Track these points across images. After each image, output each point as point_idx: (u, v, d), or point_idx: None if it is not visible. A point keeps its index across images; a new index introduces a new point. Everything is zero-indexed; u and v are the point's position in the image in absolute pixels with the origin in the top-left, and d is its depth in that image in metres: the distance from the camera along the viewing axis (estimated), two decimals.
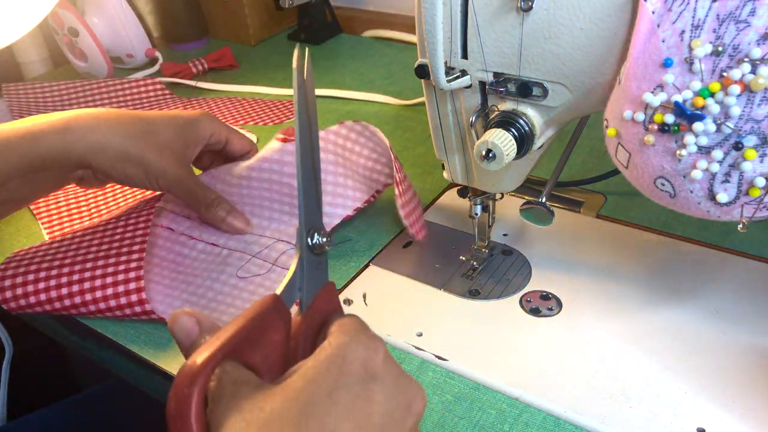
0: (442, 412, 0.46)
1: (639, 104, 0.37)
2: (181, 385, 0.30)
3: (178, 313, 0.35)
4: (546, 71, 0.42)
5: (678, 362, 0.48)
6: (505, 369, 0.48)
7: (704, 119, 0.35)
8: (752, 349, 0.48)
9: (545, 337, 0.51)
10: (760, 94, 0.33)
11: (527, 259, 0.58)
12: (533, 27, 0.41)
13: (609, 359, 0.48)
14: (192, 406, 0.30)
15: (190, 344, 0.34)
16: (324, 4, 1.09)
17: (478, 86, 0.46)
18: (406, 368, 0.50)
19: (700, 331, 0.50)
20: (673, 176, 0.37)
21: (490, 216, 0.57)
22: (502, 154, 0.43)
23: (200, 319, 0.35)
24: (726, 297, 0.52)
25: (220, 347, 0.31)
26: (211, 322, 0.36)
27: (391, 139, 0.81)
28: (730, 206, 0.37)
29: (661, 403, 0.45)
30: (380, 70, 0.99)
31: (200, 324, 0.35)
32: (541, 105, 0.44)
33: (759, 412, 0.44)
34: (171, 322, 0.35)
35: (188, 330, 0.35)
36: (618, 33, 0.38)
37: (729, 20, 0.33)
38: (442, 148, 0.53)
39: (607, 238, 0.60)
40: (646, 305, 0.53)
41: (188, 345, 0.34)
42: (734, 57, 0.33)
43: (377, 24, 1.11)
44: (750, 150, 0.34)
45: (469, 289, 0.56)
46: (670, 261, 0.57)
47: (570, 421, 0.44)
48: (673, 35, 0.35)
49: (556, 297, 0.54)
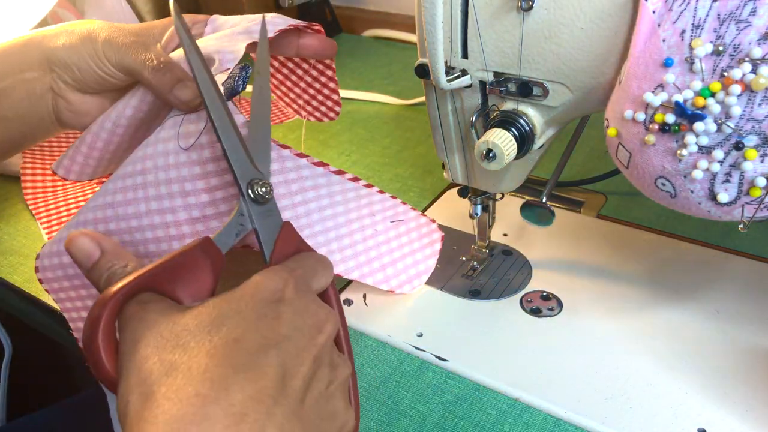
0: (442, 412, 0.46)
1: (639, 104, 0.37)
2: (93, 309, 0.32)
3: (75, 234, 0.37)
4: (546, 71, 0.42)
5: (678, 362, 0.48)
6: (506, 369, 0.48)
7: (705, 119, 0.35)
8: (752, 349, 0.48)
9: (545, 338, 0.51)
10: (760, 94, 0.33)
11: (527, 259, 0.58)
12: (534, 26, 0.41)
13: (609, 359, 0.48)
14: (100, 327, 0.32)
15: (92, 266, 0.37)
16: (324, 4, 1.09)
17: (479, 86, 0.46)
18: (405, 368, 0.50)
19: (700, 331, 0.50)
20: (674, 176, 0.37)
21: (490, 216, 0.57)
22: (503, 154, 0.43)
23: (101, 242, 0.37)
24: (726, 297, 0.52)
25: (136, 278, 0.34)
26: (115, 244, 0.38)
27: (391, 139, 0.81)
28: (731, 206, 0.37)
29: (661, 403, 0.45)
30: (380, 70, 0.99)
31: (102, 246, 0.37)
32: (542, 105, 0.44)
33: (759, 412, 0.44)
34: (68, 244, 0.37)
35: (88, 252, 0.37)
36: (619, 32, 0.38)
37: (730, 20, 0.33)
38: (442, 148, 0.53)
39: (608, 238, 0.60)
40: (646, 305, 0.53)
41: (89, 266, 0.37)
42: (735, 57, 0.33)
43: (377, 24, 1.11)
44: (751, 150, 0.34)
45: (469, 289, 0.56)
46: (670, 261, 0.57)
47: (570, 422, 0.44)
48: (674, 35, 0.35)
49: (557, 297, 0.54)
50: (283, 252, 0.40)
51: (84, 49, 0.49)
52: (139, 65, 0.48)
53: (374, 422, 0.46)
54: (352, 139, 0.81)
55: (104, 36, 0.49)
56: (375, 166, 0.76)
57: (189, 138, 0.44)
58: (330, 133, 0.83)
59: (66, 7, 0.94)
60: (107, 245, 0.37)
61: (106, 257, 0.37)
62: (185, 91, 0.46)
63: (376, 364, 0.50)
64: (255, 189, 0.39)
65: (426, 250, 0.56)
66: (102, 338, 0.32)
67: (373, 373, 0.49)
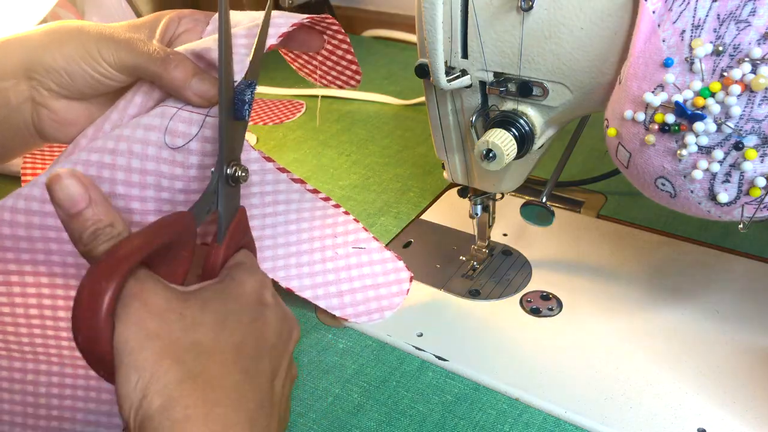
0: (442, 412, 0.46)
1: (639, 104, 0.37)
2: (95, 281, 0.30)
3: (63, 172, 0.33)
4: (546, 71, 0.42)
5: (678, 362, 0.48)
6: (506, 369, 0.48)
7: (705, 119, 0.35)
8: (752, 349, 0.48)
9: (545, 338, 0.51)
10: (760, 94, 0.33)
11: (527, 259, 0.58)
12: (533, 26, 0.41)
13: (609, 359, 0.48)
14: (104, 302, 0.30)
15: (76, 213, 0.33)
16: (324, 4, 1.09)
17: (479, 86, 0.46)
18: (406, 368, 0.50)
19: (700, 331, 0.50)
20: (674, 176, 0.37)
21: (490, 216, 0.57)
22: (503, 154, 0.43)
23: (90, 190, 0.33)
24: (726, 297, 0.52)
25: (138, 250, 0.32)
26: (104, 197, 0.34)
27: (391, 139, 0.81)
28: (731, 206, 0.37)
29: (661, 403, 0.45)
30: (380, 70, 0.99)
31: (90, 194, 0.33)
32: (542, 105, 0.44)
33: (759, 412, 0.44)
34: (51, 181, 0.33)
35: (74, 196, 0.33)
36: (618, 33, 0.38)
37: (729, 20, 0.33)
38: (442, 148, 0.53)
39: (608, 238, 0.60)
40: (646, 305, 0.53)
41: (72, 213, 0.33)
42: (735, 57, 0.33)
43: (377, 24, 1.11)
44: (750, 150, 0.34)
45: (469, 289, 0.56)
46: (670, 261, 0.57)
47: (570, 422, 0.44)
48: (674, 35, 0.35)
49: (557, 297, 0.54)
50: (234, 237, 0.40)
51: (74, 51, 0.43)
52: (145, 60, 0.42)
53: (374, 422, 0.46)
54: (352, 139, 0.81)
55: (96, 35, 0.43)
56: (375, 166, 0.76)
57: (176, 138, 0.42)
58: (330, 133, 0.83)
59: (66, 7, 0.94)
60: (96, 195, 0.33)
61: (93, 209, 0.33)
62: (204, 84, 0.42)
63: (376, 364, 0.50)
64: (234, 170, 0.39)
65: (392, 287, 0.54)
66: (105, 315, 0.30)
67: (373, 373, 0.49)
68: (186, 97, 0.42)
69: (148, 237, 0.33)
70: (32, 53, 0.43)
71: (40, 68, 0.43)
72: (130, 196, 0.42)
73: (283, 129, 0.85)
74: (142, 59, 0.42)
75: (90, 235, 0.33)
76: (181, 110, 0.42)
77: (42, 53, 0.43)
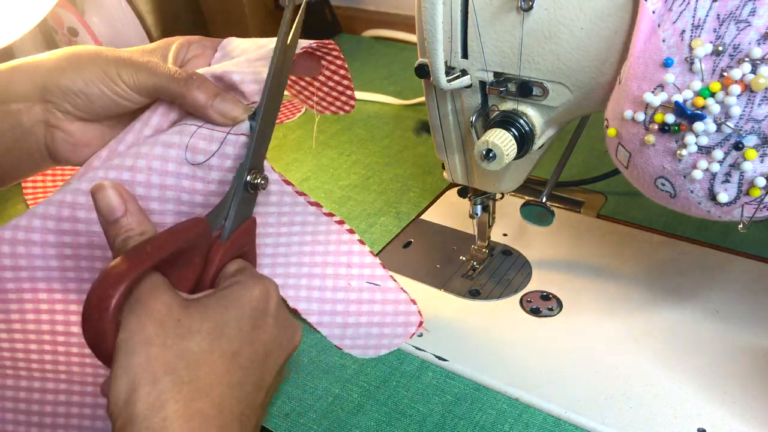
0: (442, 412, 0.46)
1: (639, 104, 0.37)
2: (103, 287, 0.32)
3: (105, 184, 0.37)
4: (546, 71, 0.42)
5: (678, 362, 0.48)
6: (505, 369, 0.48)
7: (704, 119, 0.35)
8: (752, 349, 0.48)
9: (545, 337, 0.51)
10: (760, 94, 0.33)
11: (527, 259, 0.58)
12: (533, 27, 0.41)
13: (609, 359, 0.48)
14: (111, 307, 0.32)
15: (113, 221, 0.37)
16: (324, 4, 1.09)
17: (479, 86, 0.46)
18: (405, 368, 0.50)
19: (700, 331, 0.50)
20: (674, 176, 0.37)
21: (490, 216, 0.57)
22: (503, 154, 0.43)
23: (127, 201, 0.37)
24: (726, 297, 0.52)
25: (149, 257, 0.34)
26: (139, 207, 0.38)
27: (391, 139, 0.81)
28: (731, 206, 0.37)
29: (661, 403, 0.45)
30: (380, 70, 0.99)
31: (127, 205, 0.37)
32: (542, 105, 0.44)
33: (759, 412, 0.44)
34: (95, 189, 0.37)
35: (113, 206, 0.37)
36: (618, 32, 0.38)
37: (729, 20, 0.33)
38: (442, 148, 0.53)
39: (608, 238, 0.60)
40: (646, 305, 0.53)
41: (111, 220, 0.37)
42: (734, 57, 0.33)
43: (377, 24, 1.11)
44: (750, 150, 0.34)
45: (469, 289, 0.56)
46: (670, 261, 0.57)
47: (570, 422, 0.44)
48: (674, 35, 0.35)
49: (556, 297, 0.54)
50: (238, 240, 0.41)
51: (92, 74, 0.44)
52: (166, 81, 0.44)
53: (374, 422, 0.46)
54: (352, 139, 0.81)
55: (114, 58, 0.44)
56: (375, 166, 0.76)
57: (197, 154, 0.43)
58: (330, 133, 0.83)
59: (66, 7, 0.94)
60: (132, 207, 0.37)
61: (128, 218, 0.37)
62: (227, 104, 0.43)
63: (376, 364, 0.50)
64: (254, 177, 0.42)
65: (398, 329, 0.52)
66: (110, 318, 0.32)
67: (373, 373, 0.49)
68: (209, 116, 0.43)
69: (160, 243, 0.35)
70: (48, 76, 0.44)
71: (57, 90, 0.44)
72: (149, 210, 0.43)
73: (283, 129, 0.85)
74: (163, 80, 0.43)
75: (121, 242, 0.36)
76: (201, 128, 0.44)
77: (59, 76, 0.44)
